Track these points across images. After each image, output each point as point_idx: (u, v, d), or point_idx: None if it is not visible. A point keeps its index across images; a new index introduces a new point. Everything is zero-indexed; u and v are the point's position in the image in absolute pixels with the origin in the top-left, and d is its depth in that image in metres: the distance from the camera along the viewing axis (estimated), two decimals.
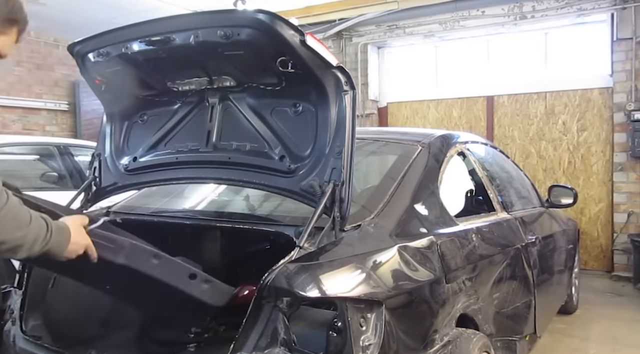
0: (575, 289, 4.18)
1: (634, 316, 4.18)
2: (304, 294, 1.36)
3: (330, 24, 6.64)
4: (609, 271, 5.63)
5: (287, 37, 1.52)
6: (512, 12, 5.87)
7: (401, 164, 2.14)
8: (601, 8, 5.43)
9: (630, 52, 5.31)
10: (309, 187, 1.71)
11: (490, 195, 2.70)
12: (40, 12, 6.20)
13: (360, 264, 1.55)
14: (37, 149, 4.81)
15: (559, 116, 5.94)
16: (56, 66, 7.40)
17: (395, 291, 1.56)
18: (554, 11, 5.66)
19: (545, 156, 6.03)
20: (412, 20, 6.38)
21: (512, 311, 2.44)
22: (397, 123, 6.92)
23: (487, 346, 1.94)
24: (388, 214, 1.84)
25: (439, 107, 6.68)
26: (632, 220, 5.38)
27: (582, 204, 5.71)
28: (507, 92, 6.22)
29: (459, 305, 1.88)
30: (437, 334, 1.71)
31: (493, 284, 2.22)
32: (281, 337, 1.41)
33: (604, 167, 5.71)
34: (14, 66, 6.97)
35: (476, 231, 2.24)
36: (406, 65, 7.01)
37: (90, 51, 1.86)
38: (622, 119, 5.40)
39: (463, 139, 2.73)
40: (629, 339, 3.63)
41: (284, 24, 1.49)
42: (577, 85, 5.81)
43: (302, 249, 1.49)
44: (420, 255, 1.77)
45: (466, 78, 6.51)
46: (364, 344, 1.39)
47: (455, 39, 6.55)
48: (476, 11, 6.04)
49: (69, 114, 7.58)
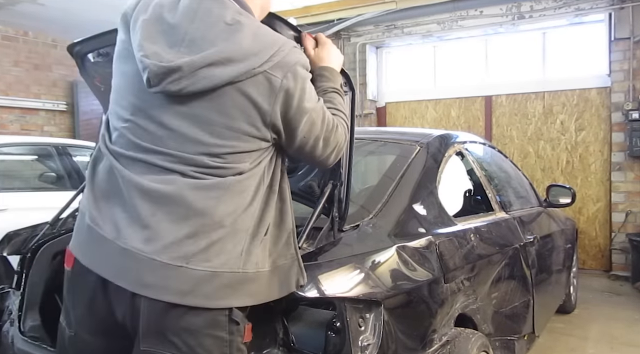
0: (573, 289, 4.19)
1: (632, 315, 4.19)
2: (303, 294, 1.36)
3: (328, 24, 6.63)
4: (607, 271, 5.64)
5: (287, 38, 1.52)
6: (510, 12, 5.88)
7: (400, 164, 2.14)
8: (599, 8, 5.44)
9: (627, 52, 5.32)
10: (308, 188, 1.71)
11: (489, 195, 2.71)
12: (39, 13, 6.20)
13: (358, 264, 1.55)
14: (35, 149, 4.80)
15: (557, 115, 5.95)
16: (54, 66, 7.38)
17: (393, 291, 1.56)
18: (552, 11, 5.67)
19: (543, 155, 6.04)
20: (410, 20, 6.38)
21: (510, 311, 2.45)
22: (396, 123, 6.92)
23: (485, 345, 1.95)
24: (386, 214, 1.85)
25: (437, 107, 6.68)
26: (630, 219, 5.40)
27: (580, 203, 5.72)
28: (505, 92, 6.23)
29: (457, 305, 1.89)
30: (435, 334, 1.71)
31: (491, 283, 2.23)
32: (280, 337, 1.41)
33: (602, 167, 5.72)
34: (12, 66, 6.96)
35: (475, 231, 2.25)
36: (404, 65, 7.01)
37: (90, 52, 1.85)
38: (620, 119, 5.41)
39: (461, 139, 2.74)
40: (627, 338, 3.64)
41: (282, 24, 1.49)
42: (575, 85, 5.82)
43: (300, 250, 1.49)
44: (418, 255, 1.78)
45: (464, 78, 6.52)
46: (362, 344, 1.39)
47: (453, 39, 6.56)
48: (474, 11, 6.05)
49: (67, 115, 7.57)
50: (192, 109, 1.18)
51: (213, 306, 1.16)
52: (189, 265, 1.15)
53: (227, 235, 1.18)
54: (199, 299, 1.15)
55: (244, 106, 1.18)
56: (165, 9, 1.21)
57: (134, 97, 1.25)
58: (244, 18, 1.21)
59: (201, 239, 1.16)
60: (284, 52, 1.20)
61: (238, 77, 1.15)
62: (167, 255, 1.15)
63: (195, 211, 1.17)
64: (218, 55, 1.14)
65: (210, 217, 1.17)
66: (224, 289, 1.17)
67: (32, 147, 4.83)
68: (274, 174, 1.30)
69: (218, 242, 1.17)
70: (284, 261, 1.30)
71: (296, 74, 1.21)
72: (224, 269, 1.17)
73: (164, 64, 1.15)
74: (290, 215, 1.35)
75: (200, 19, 1.18)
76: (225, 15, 1.19)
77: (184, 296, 1.14)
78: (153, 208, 1.18)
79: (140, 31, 1.20)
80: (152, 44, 1.18)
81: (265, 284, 1.24)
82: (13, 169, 4.68)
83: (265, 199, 1.27)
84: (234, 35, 1.17)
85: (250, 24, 1.21)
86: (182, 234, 1.16)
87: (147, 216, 1.18)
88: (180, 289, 1.14)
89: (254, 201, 1.23)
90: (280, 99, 1.20)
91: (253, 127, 1.20)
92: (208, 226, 1.17)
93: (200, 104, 1.18)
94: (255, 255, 1.22)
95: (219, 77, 1.14)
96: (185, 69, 1.14)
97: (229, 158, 1.20)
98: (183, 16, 1.19)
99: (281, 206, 1.33)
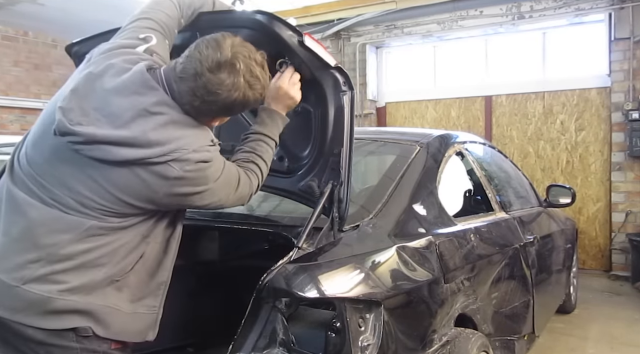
0: (573, 289, 4.19)
1: (632, 315, 4.19)
2: (303, 294, 1.36)
3: (328, 24, 6.63)
4: (607, 271, 5.63)
5: (285, 38, 1.52)
6: (510, 12, 5.88)
7: (399, 164, 2.14)
8: (599, 8, 5.44)
9: (627, 52, 5.32)
10: (308, 188, 1.71)
11: (489, 195, 2.70)
12: (38, 13, 6.20)
13: (358, 264, 1.55)
14: None
15: (557, 115, 5.95)
16: (54, 66, 7.38)
17: (393, 291, 1.56)
18: (552, 11, 5.67)
19: (543, 155, 6.04)
20: (410, 20, 6.38)
21: (510, 311, 2.45)
22: (396, 123, 6.92)
23: (485, 345, 1.95)
24: (386, 214, 1.84)
25: (437, 107, 6.68)
26: (630, 219, 5.39)
27: (580, 203, 5.71)
28: (505, 92, 6.23)
29: (457, 305, 1.88)
30: (435, 334, 1.71)
31: (491, 284, 2.23)
32: (280, 337, 1.41)
33: (602, 167, 5.72)
34: (12, 66, 6.96)
35: (474, 231, 2.25)
36: (404, 65, 7.01)
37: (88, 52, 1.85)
38: (620, 119, 5.40)
39: (461, 139, 2.74)
40: (627, 338, 3.64)
41: (282, 25, 1.49)
42: (575, 85, 5.82)
43: (300, 250, 1.49)
44: (418, 255, 1.78)
45: (464, 78, 6.52)
46: (362, 344, 1.39)
47: (453, 39, 6.56)
48: (474, 11, 6.04)
49: None
50: (85, 167, 1.24)
51: (46, 326, 1.23)
52: (24, 286, 1.22)
53: (75, 268, 1.24)
54: (30, 319, 1.22)
55: (133, 183, 1.24)
56: (110, 73, 1.26)
57: (46, 135, 1.30)
58: (166, 109, 1.25)
59: (42, 266, 1.23)
60: (187, 150, 1.24)
61: (134, 161, 1.22)
62: (9, 275, 1.23)
63: (45, 241, 1.24)
64: (121, 138, 1.20)
65: (62, 248, 1.24)
66: (56, 314, 1.23)
67: None
68: (154, 227, 1.35)
69: (61, 272, 1.24)
70: (144, 311, 1.36)
71: (194, 168, 1.26)
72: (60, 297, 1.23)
73: (70, 126, 1.20)
74: (168, 270, 1.41)
75: (125, 98, 1.23)
76: (149, 105, 1.23)
77: (15, 314, 1.22)
78: (11, 226, 1.28)
79: (78, 81, 1.27)
80: (78, 99, 1.24)
81: (118, 323, 1.30)
82: None
83: (133, 247, 1.32)
84: (146, 124, 1.22)
85: (167, 118, 1.25)
86: (27, 258, 1.24)
87: (3, 232, 1.29)
88: (13, 307, 1.23)
89: (117, 246, 1.28)
90: (174, 186, 1.26)
91: (137, 200, 1.26)
92: (53, 256, 1.24)
93: (93, 165, 1.24)
94: (103, 292, 1.28)
95: (114, 154, 1.21)
96: (86, 137, 1.20)
97: (99, 213, 1.26)
98: (113, 89, 1.24)
99: (161, 258, 1.40)
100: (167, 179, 1.24)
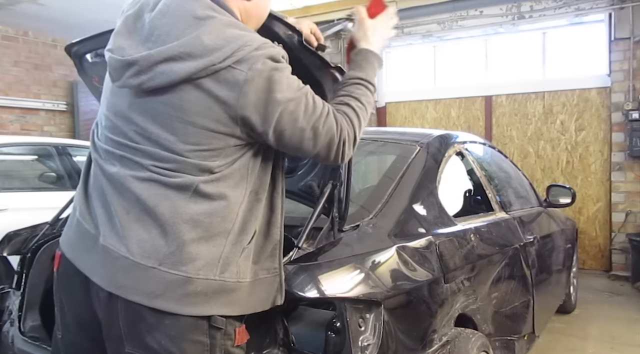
0: (573, 289, 4.19)
1: (632, 315, 4.19)
2: (303, 294, 1.36)
3: (328, 24, 6.63)
4: (607, 271, 5.64)
5: (285, 38, 1.52)
6: (510, 12, 5.88)
7: (400, 164, 2.14)
8: (599, 8, 5.45)
9: (627, 52, 5.32)
10: (308, 188, 1.70)
11: (489, 195, 2.71)
12: (39, 12, 6.21)
13: (359, 264, 1.55)
14: (35, 149, 4.79)
15: (557, 115, 5.95)
16: (54, 66, 7.38)
17: (394, 291, 1.56)
18: (552, 11, 5.67)
19: (543, 155, 6.04)
20: (410, 20, 6.38)
21: (510, 311, 2.45)
22: (396, 123, 6.92)
23: (485, 345, 1.95)
24: (387, 214, 1.84)
25: (437, 107, 6.68)
26: (630, 219, 5.40)
27: (580, 203, 5.72)
28: (505, 92, 6.23)
29: (457, 305, 1.88)
30: (435, 334, 1.71)
31: (491, 284, 2.23)
32: (280, 337, 1.41)
33: (602, 167, 5.72)
34: (12, 66, 6.96)
35: (475, 231, 2.25)
36: (404, 65, 7.01)
37: (88, 52, 1.85)
38: (620, 119, 5.41)
39: (461, 139, 2.74)
40: (627, 339, 3.64)
41: (281, 24, 1.49)
42: (575, 85, 5.82)
43: (300, 250, 1.49)
44: (418, 255, 1.78)
45: (464, 78, 6.52)
46: (362, 344, 1.39)
47: (453, 39, 6.56)
48: (474, 11, 6.05)
49: (67, 115, 7.57)
50: (154, 105, 1.16)
51: (185, 312, 1.12)
52: (161, 267, 1.11)
53: (201, 238, 1.14)
54: (170, 304, 1.11)
55: (205, 102, 1.13)
56: (148, 7, 1.21)
57: (110, 93, 1.26)
58: (215, 14, 1.17)
59: (172, 240, 1.12)
60: (250, 46, 1.13)
61: (196, 73, 1.11)
62: (139, 255, 1.12)
63: (162, 212, 1.13)
64: (176, 50, 1.11)
65: (180, 217, 1.13)
66: (197, 296, 1.12)
67: (32, 147, 4.82)
68: (259, 179, 1.25)
69: (191, 244, 1.13)
70: (266, 275, 1.25)
71: (264, 66, 1.14)
72: (198, 276, 1.12)
73: (122, 58, 1.14)
74: (279, 227, 1.30)
75: (170, 14, 1.17)
76: (196, 9, 1.17)
77: (153, 299, 1.11)
78: (127, 206, 1.17)
79: (118, 26, 1.22)
80: (123, 39, 1.18)
81: (244, 296, 1.19)
82: (13, 169, 4.67)
83: (249, 206, 1.21)
84: (198, 29, 1.14)
85: (219, 20, 1.16)
86: (153, 234, 1.13)
87: (121, 214, 1.16)
88: (150, 291, 1.11)
89: (232, 205, 1.18)
90: (247, 93, 1.13)
91: (218, 123, 1.14)
92: (176, 227, 1.13)
93: (162, 100, 1.15)
94: (236, 264, 1.17)
95: (176, 73, 1.11)
96: (141, 63, 1.12)
97: (193, 156, 1.15)
98: (157, 12, 1.18)
99: (270, 216, 1.29)
100: (237, 86, 1.12)
